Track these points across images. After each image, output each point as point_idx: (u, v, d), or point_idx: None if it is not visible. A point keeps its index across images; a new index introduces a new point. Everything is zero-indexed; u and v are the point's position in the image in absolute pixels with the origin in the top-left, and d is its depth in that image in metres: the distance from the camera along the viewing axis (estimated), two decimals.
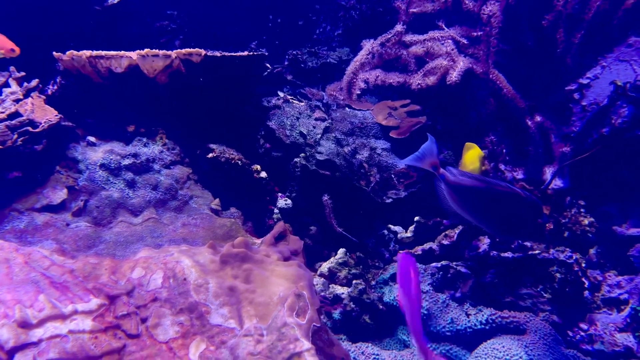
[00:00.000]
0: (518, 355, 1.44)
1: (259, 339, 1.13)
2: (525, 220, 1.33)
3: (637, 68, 2.02)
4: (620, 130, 2.03)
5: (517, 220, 1.34)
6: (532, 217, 1.33)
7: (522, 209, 1.33)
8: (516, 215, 1.34)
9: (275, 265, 1.36)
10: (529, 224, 1.33)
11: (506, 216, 1.35)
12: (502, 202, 1.34)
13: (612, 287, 1.84)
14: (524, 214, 1.33)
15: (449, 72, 1.67)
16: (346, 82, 1.74)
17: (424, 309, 1.67)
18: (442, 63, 1.70)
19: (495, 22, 1.60)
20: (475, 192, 1.35)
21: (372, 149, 2.41)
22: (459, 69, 1.66)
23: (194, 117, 1.94)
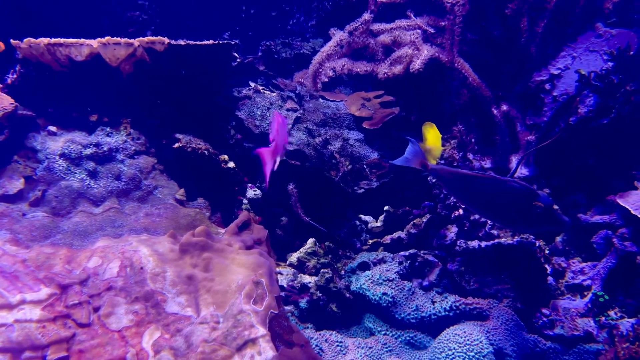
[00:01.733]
0: (478, 340, 1.46)
1: (215, 326, 1.12)
2: (517, 205, 1.35)
3: (606, 58, 2.04)
4: (586, 119, 2.06)
5: (507, 205, 1.36)
6: (523, 204, 1.34)
7: (507, 195, 1.35)
8: (505, 201, 1.36)
9: (236, 254, 1.36)
10: (523, 210, 1.34)
11: (496, 203, 1.38)
12: (485, 188, 1.38)
13: (576, 274, 1.88)
14: (511, 200, 1.35)
15: (412, 61, 1.67)
16: (312, 72, 1.74)
17: (389, 297, 1.68)
18: (408, 52, 1.70)
19: (459, 10, 1.60)
20: (460, 181, 1.42)
21: (344, 139, 2.41)
22: (422, 57, 1.67)
23: (161, 107, 1.92)
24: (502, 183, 1.37)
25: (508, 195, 1.35)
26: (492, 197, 1.38)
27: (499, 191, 1.36)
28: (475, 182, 1.40)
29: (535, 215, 1.34)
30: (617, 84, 1.84)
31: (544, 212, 1.33)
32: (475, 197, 1.42)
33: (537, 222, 1.35)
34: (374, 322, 1.69)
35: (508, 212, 1.37)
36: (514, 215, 1.36)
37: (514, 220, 1.37)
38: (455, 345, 1.46)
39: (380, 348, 1.54)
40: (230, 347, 1.07)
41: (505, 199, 1.36)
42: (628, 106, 1.83)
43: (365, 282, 1.74)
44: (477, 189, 1.40)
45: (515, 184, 1.36)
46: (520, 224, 1.38)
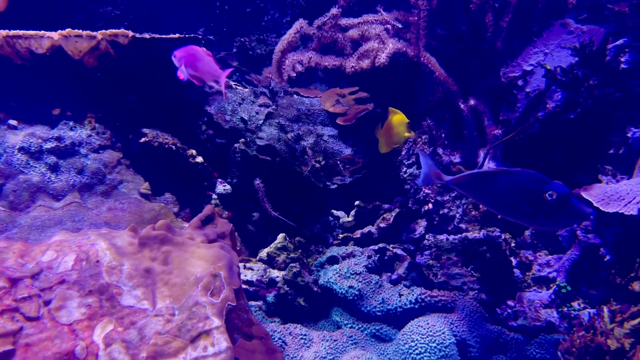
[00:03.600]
0: (441, 331, 1.47)
1: (170, 319, 1.12)
2: (528, 196, 1.27)
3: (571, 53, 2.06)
4: (553, 114, 2.08)
5: (520, 197, 1.29)
6: (533, 193, 1.26)
7: (518, 186, 1.29)
8: (517, 194, 1.29)
9: (197, 247, 1.35)
10: (535, 201, 1.26)
11: (510, 197, 1.31)
12: (498, 183, 1.32)
13: (542, 267, 1.90)
14: (522, 191, 1.28)
15: (377, 54, 1.68)
16: (275, 62, 1.74)
17: (355, 290, 1.68)
18: (374, 46, 1.71)
19: (423, 5, 1.61)
20: (474, 182, 1.36)
21: (318, 135, 2.41)
22: (387, 51, 1.67)
23: (127, 101, 1.90)
24: (512, 175, 1.31)
25: (518, 186, 1.29)
26: (506, 191, 1.31)
27: (510, 184, 1.30)
28: (488, 180, 1.34)
29: (550, 206, 1.24)
30: (582, 78, 1.87)
31: (558, 201, 1.23)
32: (492, 196, 1.34)
33: (552, 213, 1.25)
34: (341, 315, 1.70)
35: (523, 205, 1.29)
36: (528, 207, 1.28)
37: (531, 214, 1.28)
38: (418, 336, 1.47)
39: (345, 341, 1.54)
40: (184, 339, 1.06)
41: (517, 191, 1.29)
42: (591, 100, 1.86)
43: (333, 276, 1.74)
44: (491, 187, 1.34)
45: (523, 173, 1.29)
46: (539, 218, 1.28)
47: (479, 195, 1.38)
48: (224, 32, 2.88)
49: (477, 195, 1.39)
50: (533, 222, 1.30)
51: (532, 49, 2.23)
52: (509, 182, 1.30)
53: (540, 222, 1.29)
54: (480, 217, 1.95)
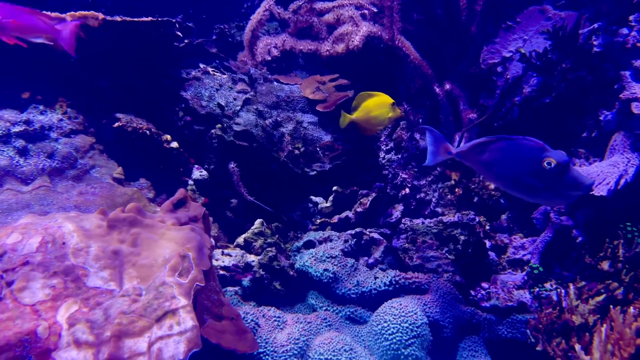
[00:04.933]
0: (413, 312, 1.48)
1: (136, 299, 1.11)
2: (527, 165, 1.21)
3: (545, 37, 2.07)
4: (530, 98, 2.10)
5: (520, 166, 1.22)
6: (532, 161, 1.20)
7: (518, 155, 1.23)
8: (517, 163, 1.23)
9: (167, 229, 1.34)
10: (534, 170, 1.19)
11: (511, 167, 1.24)
12: (499, 152, 1.26)
13: (517, 249, 1.92)
14: (521, 159, 1.22)
15: (351, 38, 1.67)
16: (246, 42, 1.73)
17: (330, 273, 1.69)
18: (348, 29, 1.70)
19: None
20: (478, 152, 1.31)
21: (298, 122, 2.41)
22: (361, 33, 1.67)
23: (101, 86, 1.88)
24: (513, 142, 1.24)
25: (519, 153, 1.23)
26: (507, 160, 1.25)
27: (511, 152, 1.24)
28: (490, 148, 1.28)
29: (549, 175, 1.17)
30: (555, 62, 1.88)
31: (556, 169, 1.16)
32: (495, 166, 1.28)
33: (551, 183, 1.17)
34: (317, 298, 1.70)
35: (523, 174, 1.22)
36: (528, 177, 1.21)
37: (532, 186, 1.21)
38: (391, 317, 1.48)
39: (319, 323, 1.55)
40: (150, 318, 1.06)
41: (518, 159, 1.23)
42: (564, 84, 1.87)
43: (309, 260, 1.75)
44: (494, 155, 1.27)
45: (524, 141, 1.23)
46: (539, 191, 1.20)
47: (483, 165, 1.32)
48: (203, 19, 2.86)
49: (481, 166, 1.33)
50: (533, 195, 1.24)
51: (511, 35, 2.24)
52: (510, 150, 1.25)
53: (540, 195, 1.23)
54: (456, 200, 1.96)
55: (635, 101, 1.63)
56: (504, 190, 1.36)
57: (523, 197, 1.30)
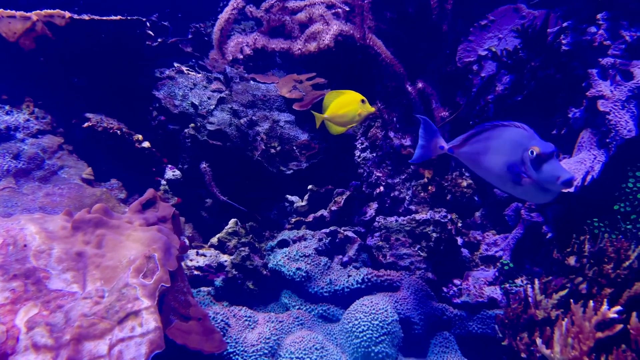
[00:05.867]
0: (384, 309, 1.49)
1: (98, 301, 1.10)
2: (512, 153, 1.14)
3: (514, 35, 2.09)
4: (502, 96, 2.12)
5: (505, 155, 1.16)
6: (517, 149, 1.14)
7: (504, 142, 1.17)
8: (503, 152, 1.17)
9: (134, 230, 1.33)
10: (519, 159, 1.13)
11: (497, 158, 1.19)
12: (487, 141, 1.21)
13: (489, 246, 1.94)
14: (507, 147, 1.16)
15: (321, 37, 1.67)
16: (215, 41, 1.71)
17: (302, 272, 1.69)
18: (319, 28, 1.70)
19: None
20: (468, 144, 1.26)
21: (274, 121, 2.40)
22: (331, 32, 1.67)
23: (71, 86, 1.86)
24: (502, 128, 1.19)
25: (507, 142, 1.17)
26: (494, 149, 1.20)
27: (500, 140, 1.18)
28: (481, 137, 1.23)
29: (529, 164, 1.11)
30: (525, 60, 1.90)
31: (537, 159, 1.09)
32: (483, 158, 1.23)
33: (531, 173, 1.11)
34: (290, 297, 1.70)
35: (509, 165, 1.15)
36: (513, 167, 1.14)
37: (517, 179, 1.15)
38: (361, 315, 1.48)
39: (291, 322, 1.55)
40: (111, 321, 1.05)
41: (505, 148, 1.17)
42: (534, 82, 1.90)
43: (282, 259, 1.75)
44: (483, 146, 1.22)
45: (511, 127, 1.18)
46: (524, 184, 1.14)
47: (473, 157, 1.27)
48: (179, 18, 2.84)
49: (471, 158, 1.28)
50: (517, 188, 1.17)
51: (486, 33, 2.25)
52: (499, 137, 1.19)
53: (524, 188, 1.15)
54: (429, 198, 1.97)
55: (600, 99, 1.65)
56: (495, 184, 1.30)
57: (508, 190, 1.25)
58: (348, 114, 1.68)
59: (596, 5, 1.91)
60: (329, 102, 1.61)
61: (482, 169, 1.26)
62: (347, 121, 1.72)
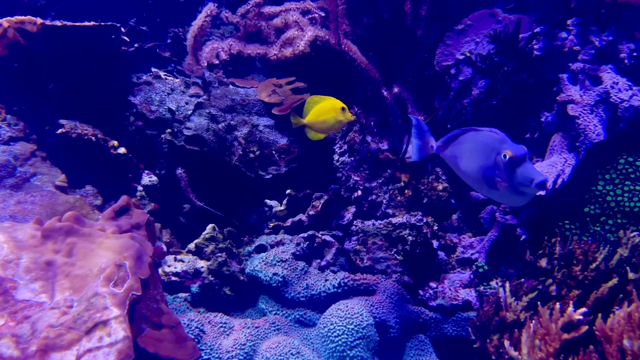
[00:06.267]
0: (359, 313, 1.49)
1: (66, 311, 1.09)
2: (486, 158, 1.15)
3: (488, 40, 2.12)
4: (478, 100, 2.15)
5: (479, 159, 1.17)
6: (490, 153, 1.14)
7: (479, 146, 1.18)
8: (478, 156, 1.17)
9: (106, 238, 1.32)
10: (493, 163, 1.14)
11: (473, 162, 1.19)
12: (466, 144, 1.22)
13: (466, 248, 1.96)
14: (482, 151, 1.17)
15: (296, 43, 1.68)
16: (189, 48, 1.72)
17: (279, 277, 1.69)
18: (295, 33, 1.71)
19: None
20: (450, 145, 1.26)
21: (253, 125, 2.40)
22: (306, 38, 1.68)
23: (45, 92, 1.84)
24: (477, 133, 1.21)
25: (481, 146, 1.18)
26: (470, 153, 1.21)
27: (475, 144, 1.20)
28: (458, 141, 1.25)
29: (504, 169, 1.11)
30: (499, 65, 1.93)
31: (510, 162, 1.10)
32: (461, 161, 1.24)
33: (505, 177, 1.11)
34: (267, 302, 1.70)
35: (484, 169, 1.16)
36: (488, 171, 1.15)
37: (491, 181, 1.15)
38: (337, 319, 1.49)
39: (267, 327, 1.55)
40: (79, 331, 1.04)
41: (479, 152, 1.18)
42: (507, 86, 1.92)
43: (259, 264, 1.75)
44: (460, 149, 1.24)
45: (488, 132, 1.18)
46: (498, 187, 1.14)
47: (453, 160, 1.28)
48: (157, 23, 2.82)
49: (452, 160, 1.29)
50: (494, 191, 1.17)
51: (463, 37, 2.28)
52: (474, 141, 1.21)
53: (500, 191, 1.16)
54: (406, 202, 1.99)
55: (570, 103, 1.68)
56: (473, 187, 1.30)
57: (486, 194, 1.26)
58: (328, 121, 1.69)
59: (567, 10, 1.95)
60: (309, 108, 1.61)
61: (460, 172, 1.28)
62: (326, 128, 1.73)
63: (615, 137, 1.67)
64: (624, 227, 1.54)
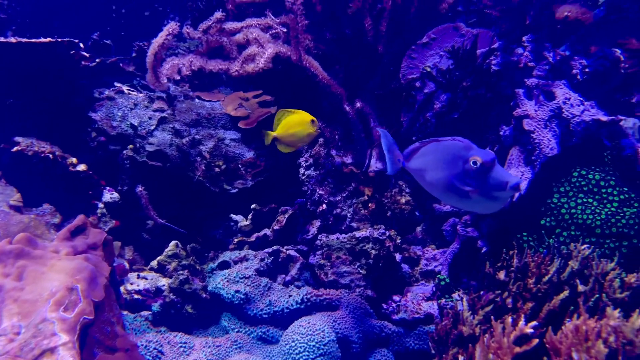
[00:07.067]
0: (320, 330, 1.49)
1: (13, 338, 1.06)
2: (454, 167, 1.13)
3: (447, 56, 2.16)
4: (440, 114, 2.18)
5: (447, 169, 1.15)
6: (458, 161, 1.12)
7: (445, 155, 1.16)
8: (445, 165, 1.15)
9: (59, 260, 1.29)
10: (461, 171, 1.12)
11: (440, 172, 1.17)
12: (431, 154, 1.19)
13: (429, 261, 1.98)
14: (449, 160, 1.14)
15: (257, 60, 1.69)
16: (149, 65, 1.71)
17: (241, 294, 1.68)
18: (255, 50, 1.72)
19: (298, 9, 1.64)
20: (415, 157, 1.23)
21: (219, 139, 2.39)
22: (266, 55, 1.69)
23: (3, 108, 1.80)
24: (440, 143, 1.19)
25: (446, 156, 1.16)
26: (436, 164, 1.18)
27: (440, 154, 1.18)
28: (421, 153, 1.22)
29: (475, 175, 1.09)
30: (457, 80, 1.97)
31: (481, 168, 1.08)
32: (427, 174, 1.21)
33: (477, 184, 1.10)
34: (229, 320, 1.69)
35: (452, 178, 1.14)
36: (457, 181, 1.13)
37: (461, 190, 1.13)
38: (298, 336, 1.49)
39: (229, 345, 1.54)
40: (25, 359, 1.01)
41: (446, 162, 1.15)
42: (466, 101, 1.96)
43: (221, 281, 1.73)
44: (425, 161, 1.21)
45: (451, 141, 1.17)
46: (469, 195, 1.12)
47: (418, 173, 1.25)
48: (122, 36, 2.79)
49: (417, 174, 1.26)
50: (465, 200, 1.15)
51: (428, 51, 2.32)
52: (438, 151, 1.18)
53: (471, 200, 1.14)
54: (370, 215, 2.00)
55: (526, 118, 1.73)
56: (442, 200, 1.30)
57: (457, 205, 1.24)
58: (297, 134, 1.70)
59: (523, 27, 2.01)
60: (279, 121, 1.63)
61: (427, 184, 1.25)
62: (296, 140, 1.74)
63: (569, 151, 1.71)
64: (578, 239, 1.58)
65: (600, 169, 1.66)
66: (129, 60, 2.63)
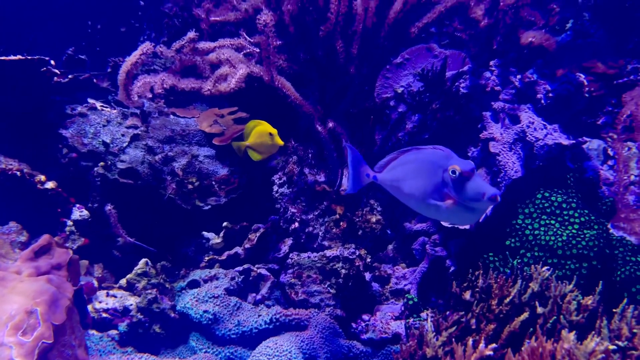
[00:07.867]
0: (287, 351, 1.50)
1: None
2: (434, 176, 1.12)
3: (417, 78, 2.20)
4: (411, 134, 2.22)
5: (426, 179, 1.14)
6: (437, 170, 1.11)
7: (424, 165, 1.15)
8: (424, 175, 1.14)
9: (20, 281, 1.28)
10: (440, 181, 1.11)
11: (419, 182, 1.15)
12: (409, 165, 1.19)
13: (399, 279, 2.00)
14: (427, 170, 1.14)
15: (228, 79, 1.70)
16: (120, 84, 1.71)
17: (210, 314, 1.68)
18: (227, 71, 1.74)
19: (270, 31, 1.67)
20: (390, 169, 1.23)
21: (193, 156, 2.38)
22: (238, 75, 1.71)
23: None
24: (413, 151, 1.19)
25: (425, 165, 1.15)
26: (415, 173, 1.17)
27: (419, 163, 1.17)
28: (399, 162, 1.21)
29: (453, 185, 1.08)
30: (427, 102, 2.01)
31: (460, 178, 1.07)
32: (405, 184, 1.19)
33: (456, 194, 1.08)
34: (198, 340, 1.68)
35: (431, 189, 1.12)
36: (435, 191, 1.11)
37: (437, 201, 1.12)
38: (265, 357, 1.49)
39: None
40: None
41: (424, 172, 1.14)
42: (436, 122, 2.01)
43: (190, 301, 1.72)
44: (403, 171, 1.19)
45: (429, 149, 1.16)
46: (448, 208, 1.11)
47: (395, 184, 1.24)
48: (97, 52, 2.79)
49: (393, 185, 1.25)
50: (442, 211, 1.14)
51: (402, 71, 2.37)
52: (417, 160, 1.18)
53: (450, 212, 1.12)
54: (341, 234, 2.02)
55: (492, 140, 1.77)
56: (418, 211, 1.25)
57: (433, 216, 1.22)
58: (264, 143, 1.73)
59: (491, 51, 2.07)
60: (249, 131, 1.67)
61: (403, 195, 1.23)
62: (264, 149, 1.76)
63: (533, 173, 1.76)
64: (541, 260, 1.62)
65: (562, 191, 1.71)
66: (104, 76, 2.63)
